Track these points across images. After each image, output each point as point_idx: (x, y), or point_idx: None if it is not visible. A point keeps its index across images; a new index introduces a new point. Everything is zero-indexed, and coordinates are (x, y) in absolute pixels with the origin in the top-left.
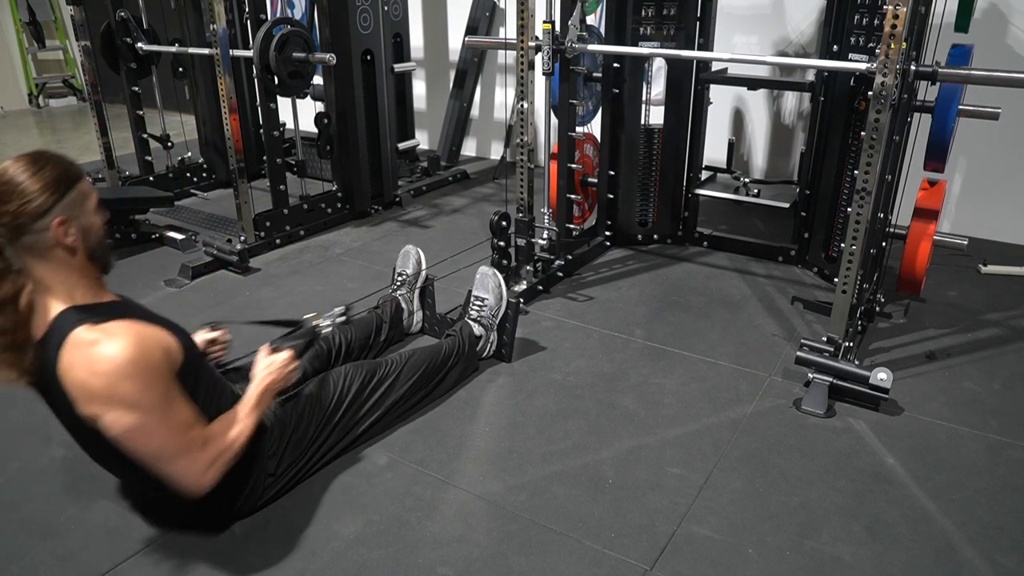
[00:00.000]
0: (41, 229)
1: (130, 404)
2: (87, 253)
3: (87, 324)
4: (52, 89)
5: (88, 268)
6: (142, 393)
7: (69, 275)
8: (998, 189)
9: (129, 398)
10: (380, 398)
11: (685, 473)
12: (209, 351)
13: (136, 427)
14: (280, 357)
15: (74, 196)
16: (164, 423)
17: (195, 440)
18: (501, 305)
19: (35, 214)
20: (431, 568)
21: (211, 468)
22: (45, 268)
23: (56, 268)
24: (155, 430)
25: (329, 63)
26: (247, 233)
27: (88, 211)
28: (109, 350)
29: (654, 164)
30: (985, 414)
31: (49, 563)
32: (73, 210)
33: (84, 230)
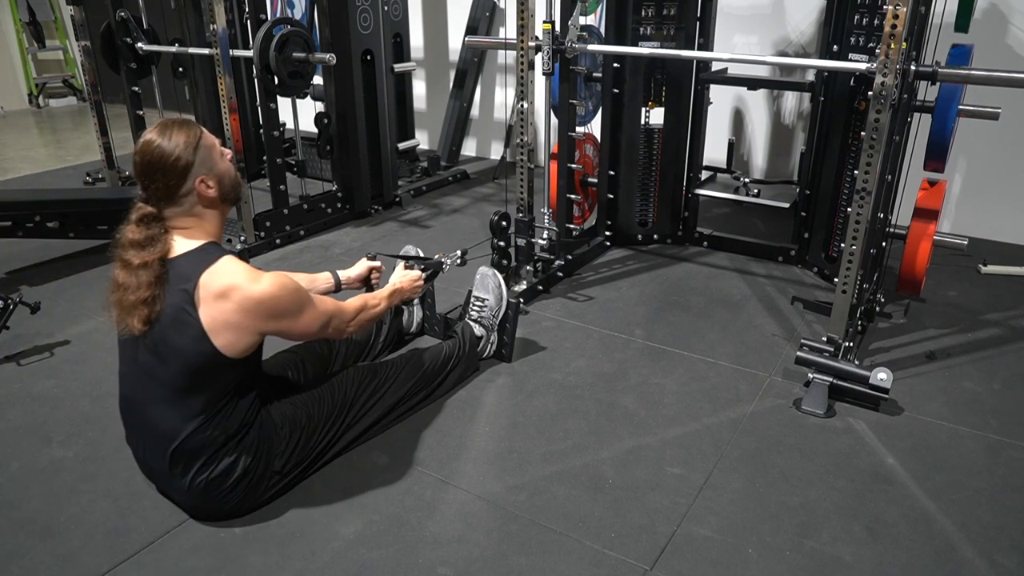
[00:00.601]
0: (187, 191)
1: (296, 311)
2: (223, 197)
3: (231, 256)
4: (52, 89)
5: (224, 210)
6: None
7: (211, 219)
8: (998, 189)
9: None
10: (381, 399)
11: (685, 473)
12: (371, 276)
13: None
14: (413, 273)
15: (203, 152)
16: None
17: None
18: (501, 305)
19: (180, 180)
20: (431, 568)
21: (353, 321)
22: (191, 221)
23: (200, 218)
24: (314, 316)
25: (329, 63)
26: (247, 233)
27: (218, 159)
28: (268, 277)
29: (654, 164)
30: (985, 414)
31: (49, 563)
32: (206, 164)
33: (219, 177)
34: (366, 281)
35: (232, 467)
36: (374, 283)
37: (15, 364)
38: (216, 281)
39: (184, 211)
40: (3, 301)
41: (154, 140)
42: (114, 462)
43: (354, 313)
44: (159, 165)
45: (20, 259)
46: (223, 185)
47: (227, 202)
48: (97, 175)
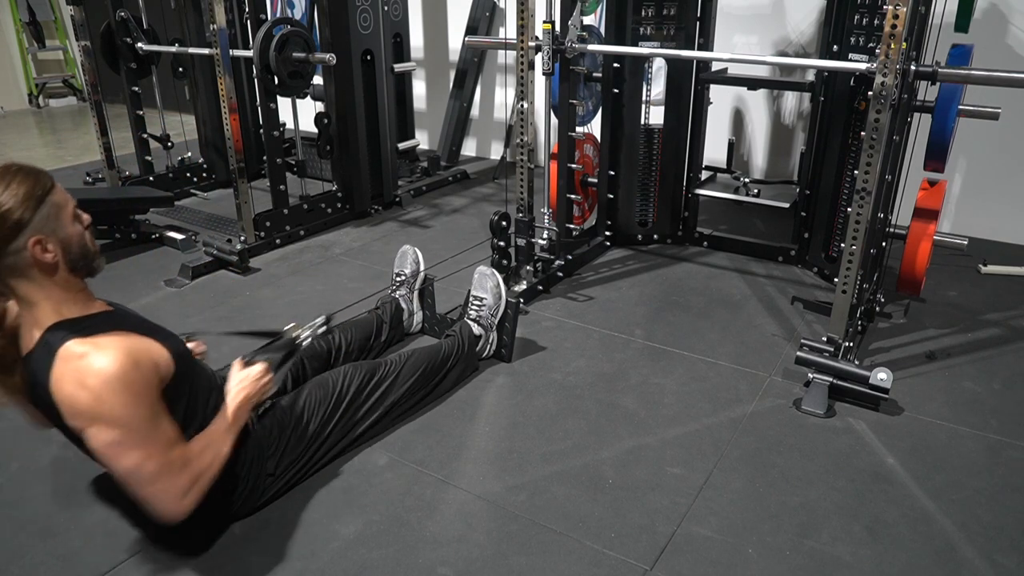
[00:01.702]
0: (17, 250)
1: (114, 419)
2: (69, 266)
3: (77, 337)
4: (52, 89)
5: (72, 280)
6: (127, 409)
7: (53, 290)
8: (998, 189)
9: (113, 413)
10: (380, 398)
11: (685, 473)
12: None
13: (117, 443)
14: (254, 370)
15: (47, 211)
16: (145, 441)
17: (175, 461)
18: (500, 304)
19: (8, 237)
20: (431, 568)
21: (189, 493)
22: (27, 287)
23: (39, 285)
24: (135, 448)
25: (329, 63)
26: (247, 233)
27: (65, 222)
28: (98, 363)
29: (654, 164)
30: (985, 414)
31: (49, 563)
32: (48, 225)
33: (63, 243)
34: None
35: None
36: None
37: None
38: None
39: (17, 276)
40: None
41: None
42: None
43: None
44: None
45: None
46: (69, 252)
47: (76, 272)
48: (97, 175)
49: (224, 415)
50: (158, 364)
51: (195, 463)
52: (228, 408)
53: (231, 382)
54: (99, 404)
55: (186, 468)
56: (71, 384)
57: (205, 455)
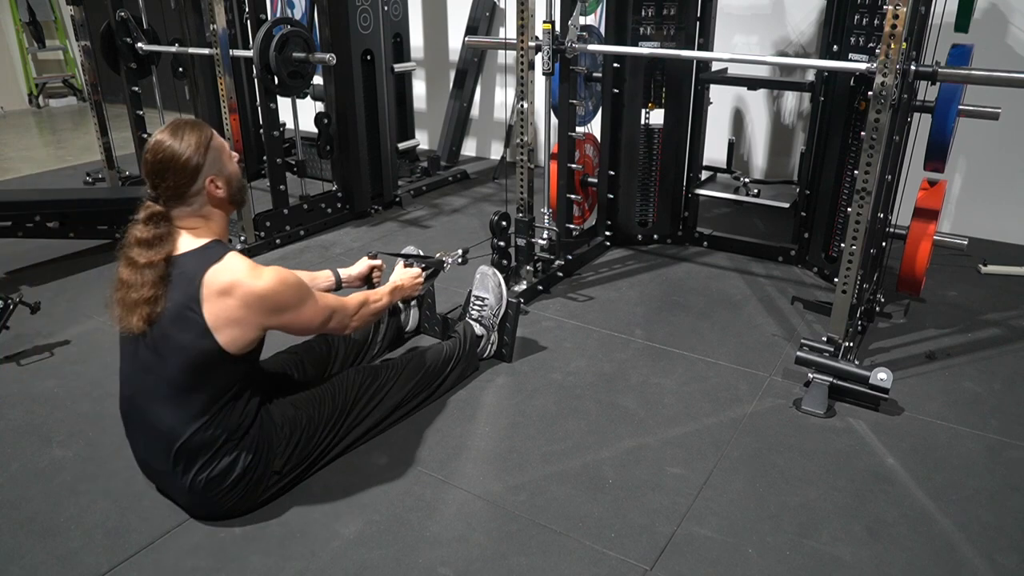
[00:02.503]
0: (197, 191)
1: (298, 305)
2: (230, 198)
3: (235, 252)
4: (52, 89)
5: (229, 211)
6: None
7: (218, 219)
8: (998, 189)
9: (295, 301)
10: (382, 400)
11: (685, 473)
12: (372, 275)
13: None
14: (413, 271)
15: (214, 154)
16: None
17: (342, 303)
18: (501, 305)
19: (190, 180)
20: (431, 568)
21: (356, 317)
22: (198, 219)
23: (207, 215)
24: (316, 310)
25: (329, 63)
26: (247, 233)
27: (227, 160)
28: (270, 272)
29: (654, 164)
30: (985, 414)
31: (49, 563)
32: (216, 165)
33: (228, 179)
34: (367, 279)
35: (232, 466)
36: (375, 281)
37: (15, 364)
38: (219, 278)
39: (192, 211)
40: (3, 301)
41: (165, 140)
42: (114, 462)
43: (356, 308)
44: (170, 165)
45: (20, 259)
46: (231, 186)
47: (234, 203)
48: (97, 175)
49: (385, 287)
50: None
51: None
52: (388, 285)
53: (395, 273)
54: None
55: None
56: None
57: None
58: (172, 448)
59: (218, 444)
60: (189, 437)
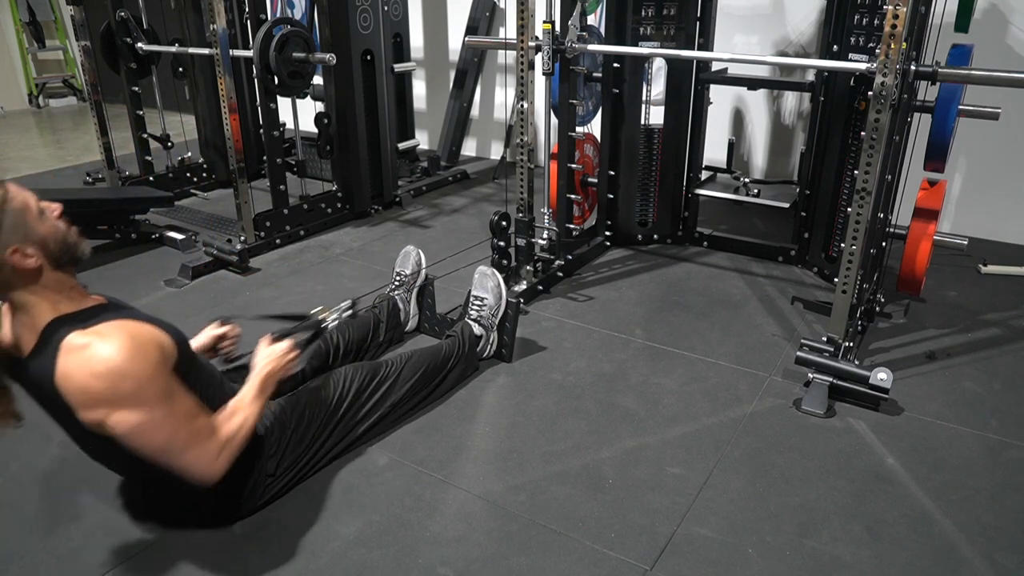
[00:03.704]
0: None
1: (133, 401)
2: (53, 264)
3: (77, 330)
4: (52, 89)
5: (62, 276)
6: (143, 388)
7: (45, 292)
8: (998, 189)
9: (132, 395)
10: (380, 398)
11: (685, 473)
12: (219, 346)
13: (143, 423)
14: (280, 346)
15: (12, 220)
16: (170, 416)
17: (203, 429)
18: (500, 304)
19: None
20: (431, 568)
21: (222, 454)
22: (18, 294)
23: (29, 291)
24: (162, 423)
25: (329, 63)
26: (247, 233)
27: (34, 224)
28: (104, 351)
29: (654, 164)
30: (985, 414)
31: (49, 563)
32: (18, 233)
33: (40, 244)
34: (214, 351)
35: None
36: (223, 352)
37: None
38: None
39: (8, 287)
40: None
41: None
42: None
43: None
44: None
45: None
46: (49, 249)
47: (63, 265)
48: (97, 175)
49: (251, 385)
50: (163, 345)
51: (224, 428)
52: (255, 380)
53: (258, 356)
54: (115, 389)
55: (215, 434)
56: (82, 375)
57: (234, 420)
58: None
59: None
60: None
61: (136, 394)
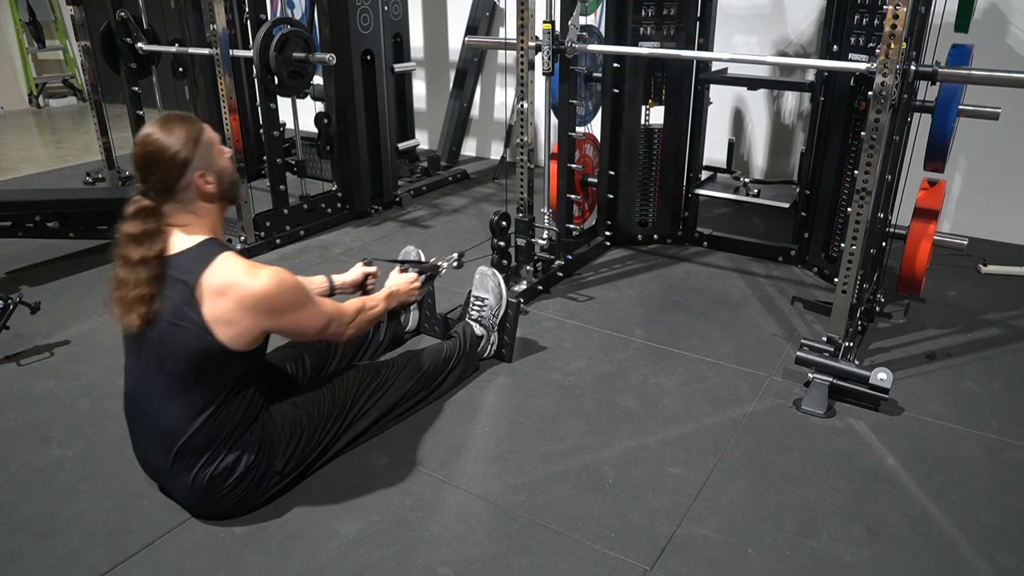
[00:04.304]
0: (185, 186)
1: (296, 307)
2: (221, 194)
3: (230, 251)
4: (52, 89)
5: (222, 208)
6: (300, 296)
7: (210, 215)
8: (998, 189)
9: (294, 303)
10: (382, 399)
11: (685, 473)
12: (367, 281)
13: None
14: (408, 276)
15: (204, 148)
16: (316, 308)
17: (340, 309)
18: (501, 305)
19: (179, 175)
20: (431, 568)
21: (352, 324)
22: (189, 215)
23: (199, 212)
24: (314, 314)
25: (329, 63)
26: (247, 233)
27: (217, 155)
28: (267, 273)
29: (654, 164)
30: (985, 414)
31: (49, 563)
32: (206, 160)
33: (218, 174)
34: (361, 286)
35: (235, 464)
36: (369, 288)
37: (15, 364)
38: (215, 278)
39: (182, 207)
40: (3, 301)
41: (154, 134)
42: (114, 462)
43: (353, 314)
44: (158, 159)
45: (20, 259)
46: (222, 182)
47: (226, 199)
48: (97, 175)
49: (382, 292)
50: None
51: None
52: (385, 289)
53: (390, 279)
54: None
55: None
56: (245, 288)
57: (368, 302)
58: (174, 446)
59: (219, 442)
60: (191, 435)
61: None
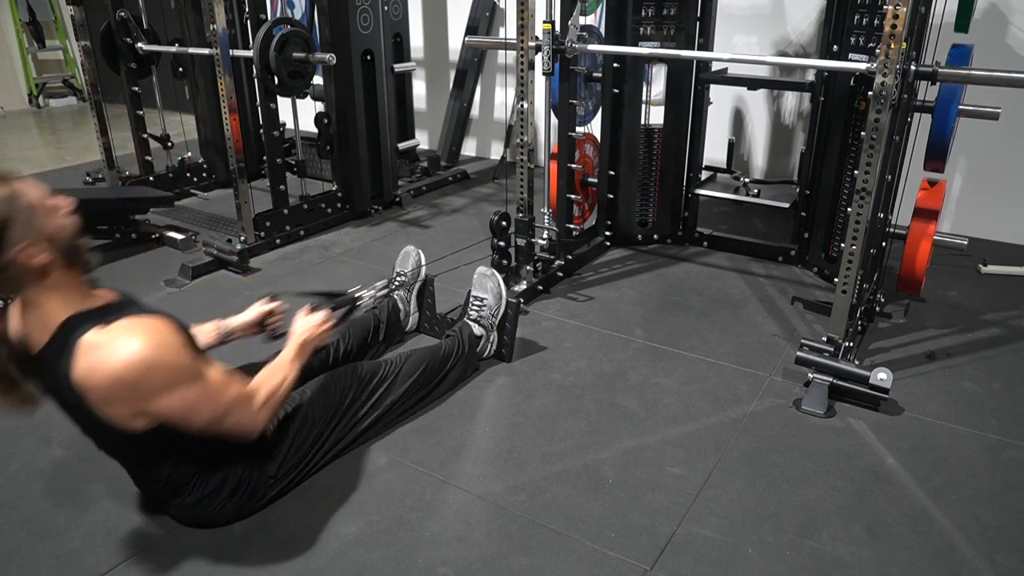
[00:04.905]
0: (6, 264)
1: (171, 387)
2: (63, 261)
3: (95, 327)
4: (52, 89)
5: (72, 273)
6: (176, 373)
7: (56, 288)
8: (998, 189)
9: (167, 382)
10: (380, 398)
11: (685, 473)
12: (267, 321)
13: (187, 403)
14: (317, 316)
15: (23, 216)
16: (206, 390)
17: (240, 394)
18: (500, 305)
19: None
20: (431, 568)
21: (262, 411)
22: (29, 292)
23: (39, 287)
24: (202, 398)
25: (329, 63)
26: (247, 233)
27: (44, 220)
28: (130, 347)
29: (654, 164)
30: (985, 414)
31: (49, 563)
32: (28, 229)
33: (50, 241)
34: (260, 326)
35: (222, 483)
36: (271, 328)
37: None
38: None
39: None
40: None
41: None
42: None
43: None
44: None
45: None
46: (58, 247)
47: (71, 265)
48: (97, 175)
49: (288, 349)
50: (179, 331)
51: (263, 387)
52: (292, 344)
53: (295, 325)
54: (147, 381)
55: (254, 395)
56: (110, 372)
57: (274, 378)
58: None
59: (195, 476)
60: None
61: (172, 380)
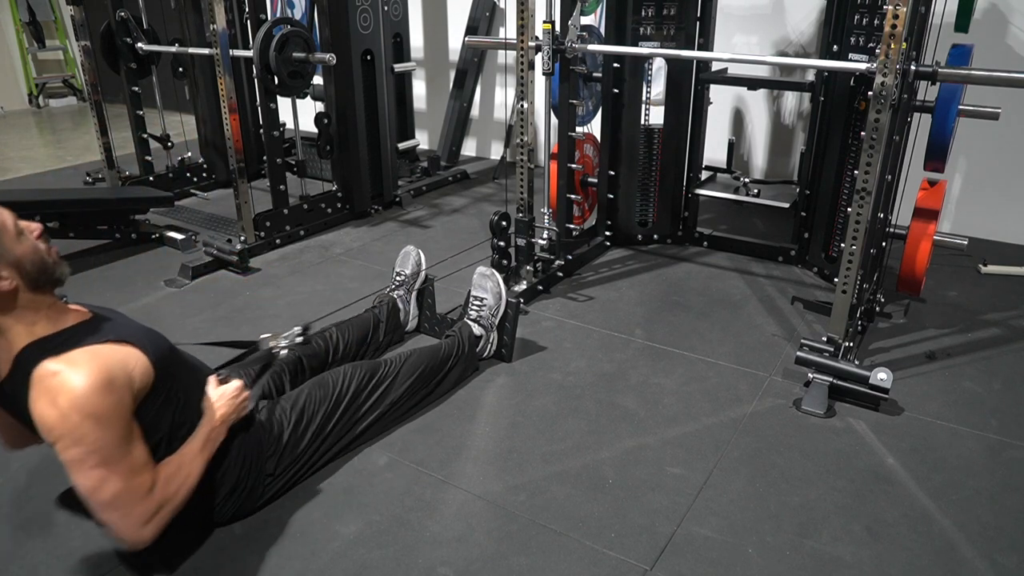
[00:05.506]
0: None
1: (78, 439)
2: (29, 285)
3: (50, 356)
4: (52, 89)
5: (38, 297)
6: (94, 430)
7: (21, 313)
8: (998, 189)
9: (78, 433)
10: (379, 397)
11: (685, 473)
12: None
13: (79, 461)
14: (229, 388)
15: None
16: (109, 464)
17: (138, 488)
18: (500, 305)
19: None
20: (431, 568)
21: (150, 523)
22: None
23: (5, 312)
24: (98, 469)
25: (329, 63)
26: (247, 233)
27: (10, 244)
28: (70, 382)
29: (654, 164)
30: (985, 414)
31: (49, 563)
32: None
33: (14, 265)
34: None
35: (220, 481)
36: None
37: None
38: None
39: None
40: None
41: None
42: None
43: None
44: None
45: None
46: (24, 271)
47: (40, 287)
48: (97, 175)
49: (197, 437)
50: (133, 376)
51: (160, 491)
52: (202, 431)
53: (206, 401)
54: (65, 422)
55: (149, 496)
56: (44, 403)
57: (172, 482)
58: None
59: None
60: None
61: (83, 433)
